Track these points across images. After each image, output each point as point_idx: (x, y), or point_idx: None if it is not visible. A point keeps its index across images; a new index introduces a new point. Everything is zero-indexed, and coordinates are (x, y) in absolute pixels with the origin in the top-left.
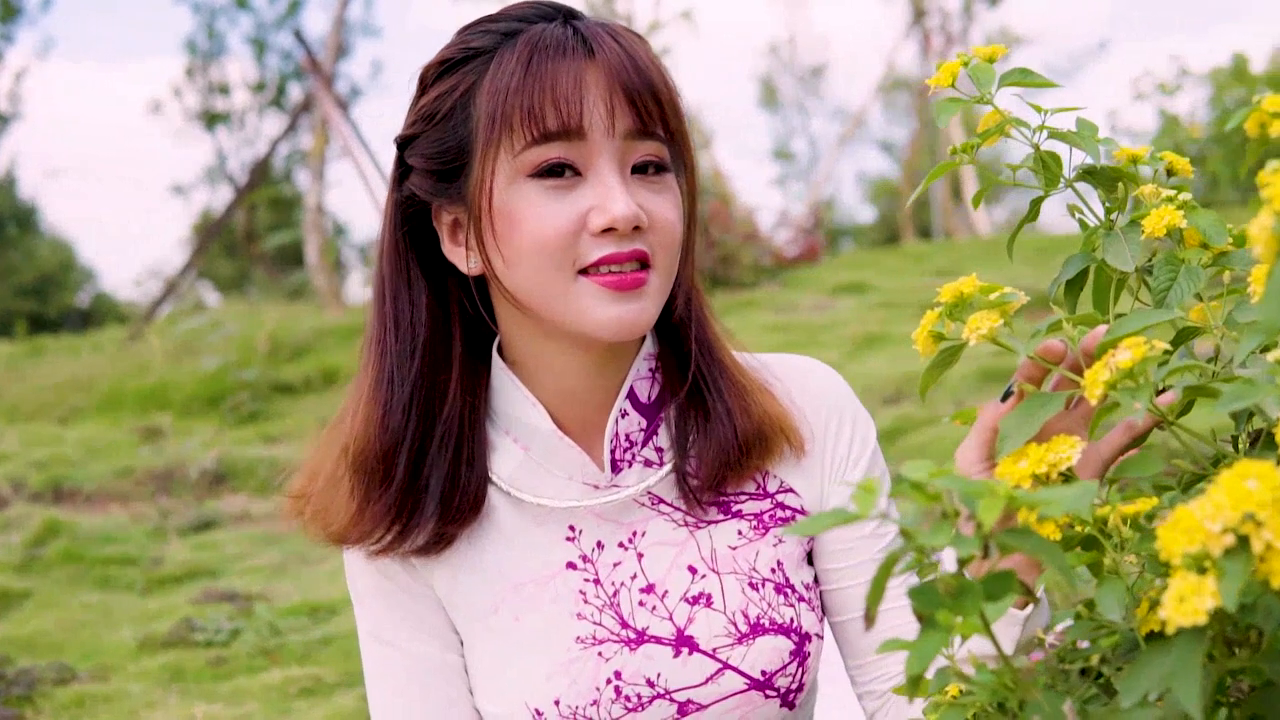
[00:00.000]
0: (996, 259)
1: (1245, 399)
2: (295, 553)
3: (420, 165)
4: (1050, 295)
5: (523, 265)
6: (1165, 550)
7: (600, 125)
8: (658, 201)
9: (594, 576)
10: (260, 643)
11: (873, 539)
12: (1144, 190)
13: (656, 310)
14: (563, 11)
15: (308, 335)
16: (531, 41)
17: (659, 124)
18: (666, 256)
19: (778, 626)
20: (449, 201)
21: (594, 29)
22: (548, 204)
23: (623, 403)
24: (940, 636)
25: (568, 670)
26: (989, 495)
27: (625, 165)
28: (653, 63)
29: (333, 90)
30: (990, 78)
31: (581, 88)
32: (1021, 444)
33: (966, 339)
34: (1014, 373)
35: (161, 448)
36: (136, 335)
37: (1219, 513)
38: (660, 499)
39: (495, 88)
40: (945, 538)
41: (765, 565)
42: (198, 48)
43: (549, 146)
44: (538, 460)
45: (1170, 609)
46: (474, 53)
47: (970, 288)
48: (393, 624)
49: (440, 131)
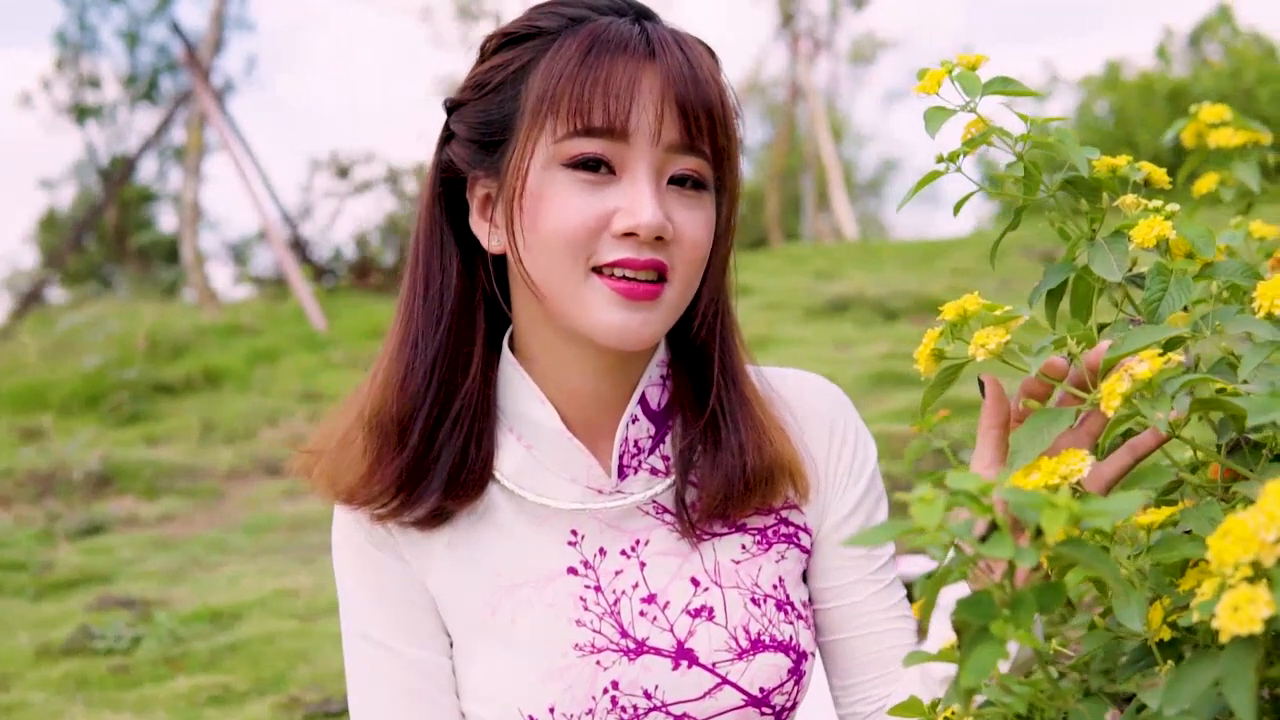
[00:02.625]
0: (872, 261)
1: (1272, 412)
2: (190, 557)
3: (463, 133)
4: (1031, 304)
5: (540, 251)
6: (1217, 559)
7: (645, 130)
8: (689, 217)
9: (595, 583)
10: (163, 650)
11: (867, 560)
12: (1125, 200)
13: (665, 324)
14: (636, 10)
15: (187, 334)
16: (595, 33)
17: (706, 140)
18: (687, 272)
19: (777, 644)
20: (484, 174)
21: (661, 32)
22: (576, 195)
23: (634, 408)
24: (996, 649)
25: (564, 677)
26: (1050, 507)
27: (663, 174)
28: (713, 78)
29: (210, 84)
30: (977, 86)
31: (634, 88)
32: (1033, 458)
33: (972, 355)
34: (910, 375)
35: (44, 448)
36: (9, 334)
37: (1272, 522)
38: (665, 508)
39: (549, 71)
40: (1007, 550)
41: (767, 581)
42: (68, 39)
43: (590, 140)
44: (541, 460)
45: (1225, 618)
46: (537, 31)
47: (974, 305)
48: (386, 625)
49: (488, 103)
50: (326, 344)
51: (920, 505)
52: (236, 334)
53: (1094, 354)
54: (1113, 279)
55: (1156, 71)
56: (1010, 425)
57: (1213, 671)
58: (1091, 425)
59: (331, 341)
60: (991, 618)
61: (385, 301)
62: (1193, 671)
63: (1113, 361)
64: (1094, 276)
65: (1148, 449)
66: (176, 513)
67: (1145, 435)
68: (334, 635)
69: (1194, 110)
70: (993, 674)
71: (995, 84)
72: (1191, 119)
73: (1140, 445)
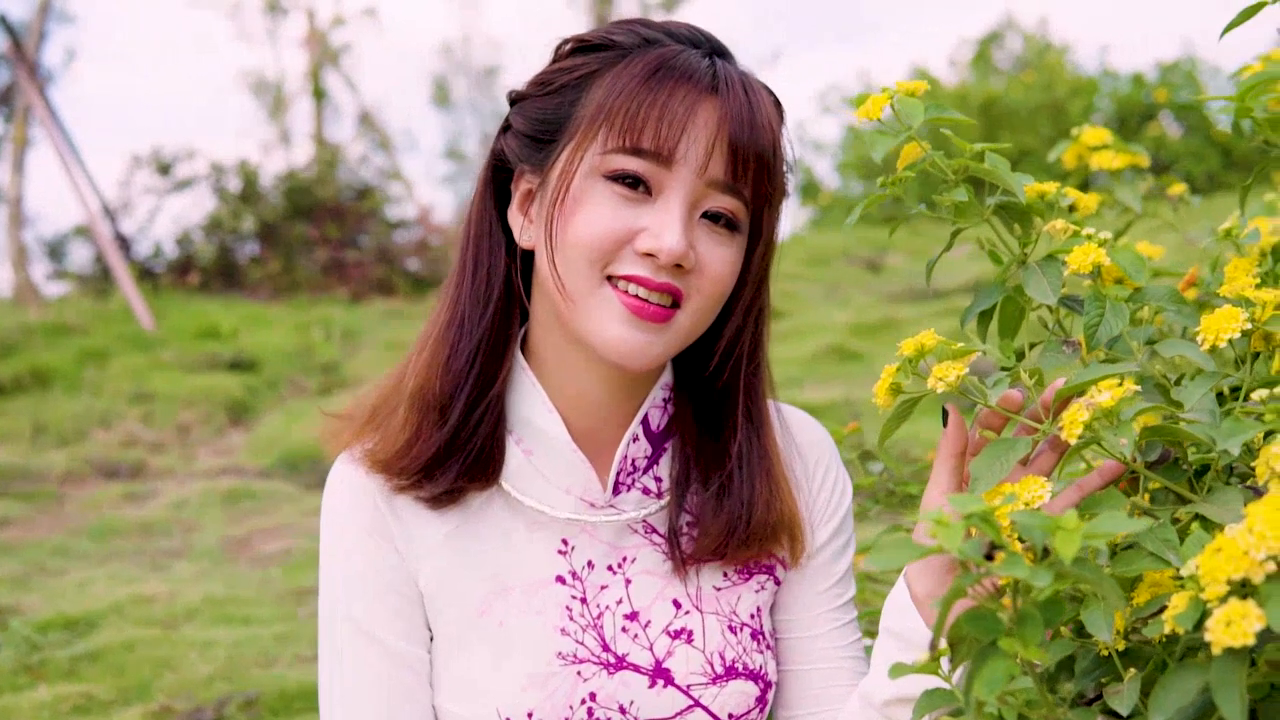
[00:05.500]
0: None
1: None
2: (34, 563)
3: (519, 126)
4: (964, 324)
5: (565, 252)
6: (1207, 576)
7: (691, 163)
8: (715, 253)
9: (581, 594)
10: (20, 659)
11: (829, 595)
12: (1054, 226)
13: (670, 350)
14: (712, 45)
15: (12, 333)
16: (664, 57)
17: (749, 184)
18: (703, 303)
19: (749, 672)
20: (530, 169)
21: (730, 71)
22: (610, 206)
23: (636, 427)
24: (1008, 664)
25: (546, 684)
26: (1062, 530)
27: (698, 207)
28: (771, 125)
29: (37, 77)
30: (918, 112)
31: (689, 119)
32: (994, 484)
33: (932, 388)
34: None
35: None
36: None
37: (1262, 542)
38: (654, 529)
39: (613, 85)
40: (1021, 570)
41: (745, 610)
42: None
43: (635, 159)
44: (539, 467)
45: (1217, 632)
46: (610, 44)
47: (931, 341)
48: (384, 618)
49: (547, 102)
50: (156, 344)
51: (939, 528)
52: (63, 333)
53: (1049, 391)
54: (1048, 302)
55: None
56: (967, 455)
57: (1197, 681)
58: (1043, 463)
59: (161, 341)
60: (999, 633)
61: (211, 300)
62: (1177, 680)
63: (1066, 394)
64: (1024, 298)
65: (1094, 487)
66: (14, 517)
67: (1092, 475)
68: (198, 643)
69: (1075, 133)
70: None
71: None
72: (1074, 141)
73: (1088, 484)
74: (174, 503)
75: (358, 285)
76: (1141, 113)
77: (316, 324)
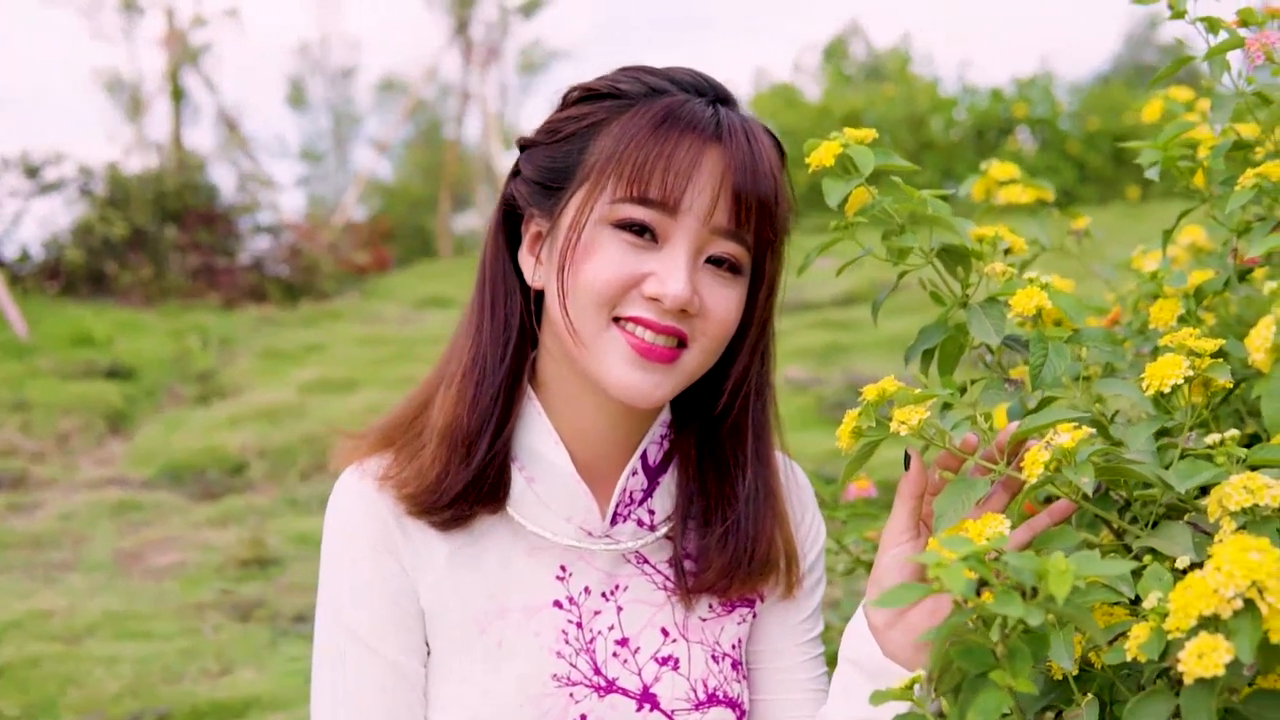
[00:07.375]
0: None
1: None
2: None
3: (528, 173)
4: (907, 362)
5: (575, 297)
6: (1179, 611)
7: (696, 211)
8: (719, 296)
9: (577, 619)
10: None
11: (801, 629)
12: (993, 268)
13: (675, 388)
14: (716, 92)
15: None
16: (670, 107)
17: (751, 230)
18: (708, 344)
19: (728, 700)
20: (539, 214)
21: (733, 119)
22: (617, 253)
23: (635, 462)
24: (1001, 696)
25: (540, 705)
26: (1055, 572)
27: (702, 252)
28: (773, 172)
29: None
30: (869, 160)
31: (694, 168)
32: (956, 521)
33: (895, 431)
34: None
35: None
36: None
37: (1230, 580)
38: (645, 559)
39: (620, 134)
40: (1016, 608)
41: (728, 641)
42: None
43: (642, 208)
44: (540, 495)
45: (1190, 664)
46: (617, 93)
47: (892, 387)
48: (388, 631)
49: (555, 150)
50: (31, 351)
51: (939, 570)
52: None
53: (1004, 434)
54: (992, 343)
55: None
56: (926, 495)
57: (1166, 706)
58: (995, 502)
59: (36, 349)
60: (990, 666)
61: (84, 307)
62: (1149, 706)
63: (1021, 437)
64: (965, 337)
65: (1044, 526)
66: None
67: (1041, 516)
68: (102, 658)
69: (984, 167)
70: None
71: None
72: (982, 175)
73: (1037, 524)
74: (61, 514)
75: (229, 292)
76: (999, 127)
77: (190, 331)
